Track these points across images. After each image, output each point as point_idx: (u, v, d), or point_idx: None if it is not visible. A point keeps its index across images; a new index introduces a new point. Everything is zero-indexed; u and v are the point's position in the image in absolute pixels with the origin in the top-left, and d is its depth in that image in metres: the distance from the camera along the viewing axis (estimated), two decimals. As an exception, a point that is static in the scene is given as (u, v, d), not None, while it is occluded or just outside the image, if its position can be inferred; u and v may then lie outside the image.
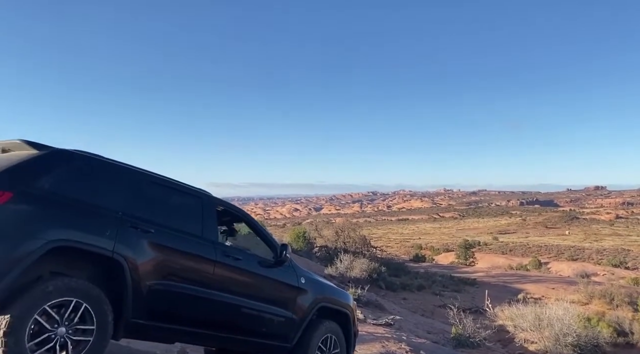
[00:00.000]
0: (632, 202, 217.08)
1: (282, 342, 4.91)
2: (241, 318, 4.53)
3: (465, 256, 59.51)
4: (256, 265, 4.75)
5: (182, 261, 4.12)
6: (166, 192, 4.33)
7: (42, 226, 3.35)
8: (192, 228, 4.30)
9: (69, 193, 3.62)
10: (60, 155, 3.80)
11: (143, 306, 3.78)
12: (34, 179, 3.51)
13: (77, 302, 3.38)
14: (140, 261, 3.78)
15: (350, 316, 5.74)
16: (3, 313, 3.12)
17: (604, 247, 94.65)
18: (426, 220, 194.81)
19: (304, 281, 5.21)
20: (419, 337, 14.72)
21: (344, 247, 32.89)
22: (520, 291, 30.46)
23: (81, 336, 3.40)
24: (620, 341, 18.65)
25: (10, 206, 3.26)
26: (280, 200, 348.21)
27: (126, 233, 3.74)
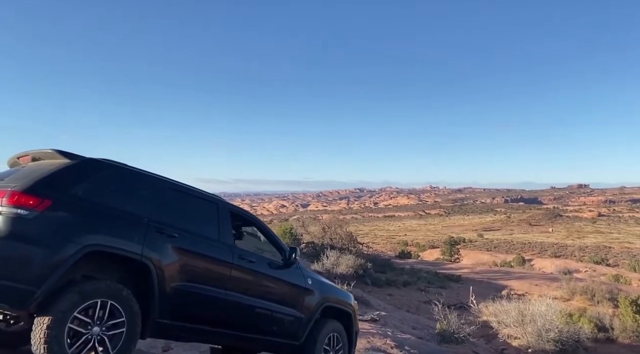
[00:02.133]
0: (614, 201, 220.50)
1: (291, 340, 5.13)
2: (255, 317, 4.74)
3: (450, 252, 59.97)
4: (267, 267, 4.97)
5: (203, 264, 4.33)
6: (186, 199, 4.53)
7: (78, 232, 3.53)
8: (209, 232, 4.51)
9: (99, 200, 3.80)
10: (91, 164, 3.99)
11: (168, 307, 3.97)
12: (69, 187, 3.68)
13: (109, 303, 3.57)
14: (165, 264, 3.97)
15: (352, 315, 6.00)
16: (44, 314, 3.29)
17: (587, 245, 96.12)
18: (412, 217, 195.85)
19: (311, 282, 5.46)
20: (404, 333, 14.81)
21: (331, 243, 32.92)
22: (504, 287, 30.81)
23: (113, 335, 3.57)
24: (601, 337, 18.96)
25: (50, 213, 3.45)
26: (267, 196, 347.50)
27: (152, 238, 3.95)
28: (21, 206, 3.38)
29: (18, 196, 3.42)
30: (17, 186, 3.50)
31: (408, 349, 11.50)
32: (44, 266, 3.33)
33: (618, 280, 39.35)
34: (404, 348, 11.46)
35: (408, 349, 11.45)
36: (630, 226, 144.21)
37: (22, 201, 3.40)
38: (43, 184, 3.58)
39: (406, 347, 11.64)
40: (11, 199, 3.39)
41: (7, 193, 3.43)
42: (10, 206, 3.37)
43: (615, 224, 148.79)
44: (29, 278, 3.29)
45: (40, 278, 3.32)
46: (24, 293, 3.27)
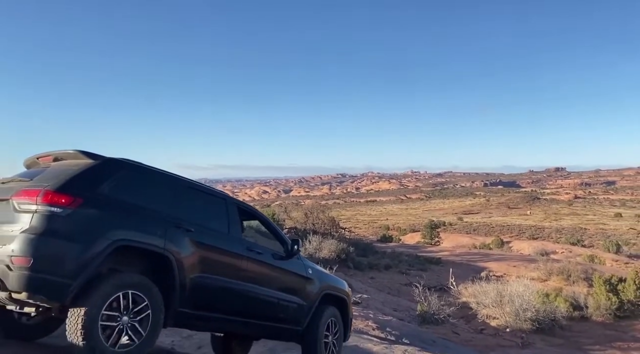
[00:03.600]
0: (590, 183, 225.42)
1: (295, 326, 5.42)
2: (264, 305, 5.01)
3: (430, 236, 60.69)
4: (272, 258, 5.24)
5: (217, 256, 4.58)
6: (197, 195, 4.76)
7: (108, 228, 3.74)
8: (220, 226, 4.78)
9: (122, 197, 4.00)
10: (113, 163, 4.18)
11: (187, 297, 4.17)
12: (96, 185, 3.89)
13: (137, 294, 3.77)
14: (184, 256, 4.18)
15: (347, 302, 6.34)
16: (79, 306, 3.49)
17: (563, 227, 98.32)
18: (393, 201, 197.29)
19: (311, 271, 5.75)
20: (385, 314, 15.04)
21: (313, 228, 33.04)
22: (483, 269, 31.41)
23: (140, 324, 3.79)
24: (576, 315, 19.54)
25: (81, 210, 3.65)
26: (249, 182, 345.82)
27: (172, 232, 4.15)
28: (55, 204, 3.56)
29: (52, 194, 3.59)
30: (50, 185, 3.66)
31: (390, 330, 11.70)
32: (79, 261, 3.52)
33: (593, 260, 40.41)
34: (386, 330, 11.66)
35: (390, 331, 11.66)
36: (604, 207, 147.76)
37: (56, 199, 3.58)
38: (73, 183, 3.76)
39: (388, 328, 11.84)
40: (45, 198, 3.56)
41: (40, 192, 3.59)
42: (45, 204, 3.55)
43: (591, 206, 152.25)
44: (66, 271, 3.47)
45: (76, 272, 3.50)
46: (61, 285, 3.45)
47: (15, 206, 3.64)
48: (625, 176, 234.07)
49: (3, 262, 3.43)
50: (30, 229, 3.48)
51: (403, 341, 10.91)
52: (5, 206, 3.72)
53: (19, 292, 3.42)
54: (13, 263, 3.39)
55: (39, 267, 3.39)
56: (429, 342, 11.98)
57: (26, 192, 3.66)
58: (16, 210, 3.63)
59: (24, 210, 3.59)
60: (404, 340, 11.01)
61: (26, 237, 3.43)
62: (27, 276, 3.38)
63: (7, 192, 3.80)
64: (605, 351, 15.00)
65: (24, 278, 3.38)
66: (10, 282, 3.40)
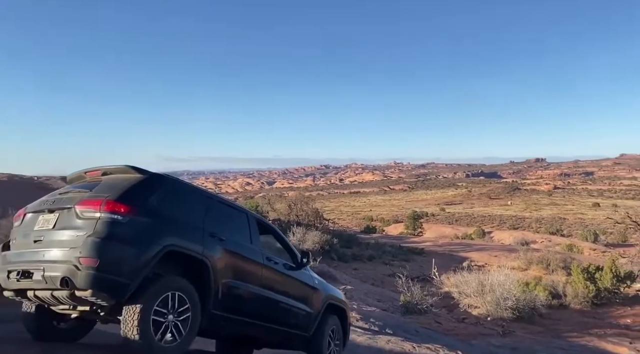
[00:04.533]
0: (569, 174, 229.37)
1: (304, 332, 5.87)
2: (280, 311, 5.46)
3: (413, 226, 61.27)
4: (285, 268, 5.69)
5: (243, 264, 5.01)
6: (225, 209, 5.19)
7: (158, 235, 4.14)
8: (244, 238, 5.20)
9: (167, 208, 4.41)
10: (158, 178, 4.64)
11: (219, 300, 4.57)
12: (147, 197, 4.29)
13: (180, 295, 4.15)
14: (218, 263, 4.60)
15: (347, 311, 6.88)
16: (134, 304, 3.87)
17: (543, 217, 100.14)
18: (377, 193, 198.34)
19: (317, 282, 6.25)
20: (369, 305, 15.17)
21: (297, 220, 33.09)
22: (465, 259, 31.86)
23: (182, 323, 4.17)
24: (555, 304, 19.97)
25: (137, 218, 4.07)
26: (232, 174, 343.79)
27: (208, 240, 4.58)
28: (116, 212, 4.00)
29: (113, 203, 4.02)
30: (110, 196, 4.10)
31: (373, 321, 11.82)
32: (137, 263, 3.93)
33: (571, 249, 41.25)
34: (369, 320, 11.77)
35: (373, 321, 11.77)
36: (583, 197, 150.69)
37: (116, 208, 4.01)
38: (129, 195, 4.18)
39: (371, 319, 11.96)
40: (107, 206, 4.00)
41: (103, 201, 4.03)
42: (107, 212, 3.98)
43: (570, 196, 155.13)
44: (126, 272, 3.86)
45: (134, 273, 3.90)
46: (122, 284, 3.84)
47: (78, 214, 4.06)
48: (603, 166, 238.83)
49: (71, 262, 3.80)
50: (96, 233, 3.88)
51: (386, 331, 11.03)
52: (67, 214, 4.14)
53: (85, 290, 3.78)
54: (81, 263, 3.77)
55: (104, 267, 3.78)
56: (412, 332, 12.14)
57: (89, 201, 4.09)
58: (79, 217, 4.04)
59: (88, 217, 4.01)
60: (387, 330, 11.13)
61: (93, 241, 3.83)
62: (94, 275, 3.76)
63: (69, 201, 4.21)
64: (583, 338, 15.34)
65: (91, 277, 3.75)
66: (78, 280, 3.75)
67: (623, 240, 53.10)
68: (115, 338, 5.57)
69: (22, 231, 4.40)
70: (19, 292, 4.23)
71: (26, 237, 4.28)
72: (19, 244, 4.34)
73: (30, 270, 3.99)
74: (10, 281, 4.16)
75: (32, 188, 26.15)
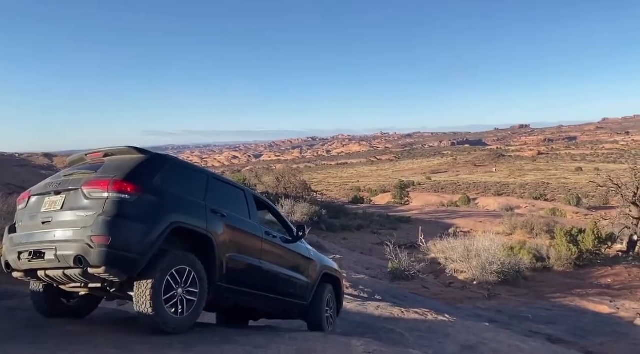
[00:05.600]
0: (552, 139, 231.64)
1: (302, 301, 6.11)
2: (279, 282, 5.67)
3: (400, 196, 61.76)
4: (282, 241, 5.89)
5: (245, 239, 5.19)
6: (223, 186, 5.32)
7: (165, 212, 4.28)
8: (243, 213, 5.34)
9: (170, 187, 4.52)
10: (160, 158, 4.76)
11: (224, 273, 4.76)
12: (151, 177, 4.40)
13: (188, 270, 4.33)
14: (221, 238, 4.76)
15: (340, 280, 7.18)
16: (145, 279, 4.04)
17: (527, 182, 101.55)
18: (364, 163, 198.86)
19: (312, 253, 6.47)
20: (358, 273, 15.42)
21: (285, 192, 33.14)
22: (451, 226, 32.32)
23: (191, 295, 4.35)
24: (539, 266, 20.47)
25: (144, 196, 4.20)
26: (218, 148, 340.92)
27: (211, 217, 4.72)
28: (123, 191, 4.12)
29: (120, 183, 4.14)
30: (117, 176, 4.21)
31: (362, 288, 12.03)
32: (146, 239, 4.06)
33: (555, 214, 42.05)
34: (359, 288, 11.97)
35: (362, 288, 11.98)
36: (566, 162, 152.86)
37: (124, 187, 4.13)
38: (134, 175, 4.28)
39: (360, 286, 12.16)
40: (115, 186, 4.12)
41: (110, 181, 4.15)
42: (115, 191, 4.10)
43: (553, 162, 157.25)
44: (137, 248, 4.01)
45: (144, 249, 4.04)
46: (133, 260, 3.99)
47: (86, 194, 4.17)
48: (586, 131, 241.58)
49: (83, 241, 3.93)
50: (105, 213, 4.01)
51: (376, 297, 11.25)
52: (74, 195, 4.24)
53: (98, 267, 3.91)
54: (93, 242, 3.90)
55: (115, 245, 3.92)
56: (401, 297, 12.40)
57: (96, 182, 4.20)
58: (87, 197, 4.15)
59: (96, 197, 4.12)
60: (376, 297, 11.35)
61: (104, 220, 3.97)
62: (107, 253, 3.89)
63: (76, 183, 4.30)
64: (566, 298, 15.82)
65: (104, 254, 3.89)
66: (91, 258, 3.89)
67: (605, 203, 54.21)
68: (118, 314, 5.64)
69: (29, 213, 4.49)
70: (29, 272, 4.33)
71: (33, 219, 4.37)
72: (27, 226, 4.43)
73: (42, 250, 4.09)
74: (21, 262, 4.25)
75: (13, 165, 25.76)
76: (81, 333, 4.20)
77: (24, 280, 4.55)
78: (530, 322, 12.11)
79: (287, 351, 4.03)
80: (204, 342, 4.08)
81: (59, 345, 3.43)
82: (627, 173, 26.86)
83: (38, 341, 3.62)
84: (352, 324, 7.85)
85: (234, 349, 3.92)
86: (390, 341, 6.41)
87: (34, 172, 25.71)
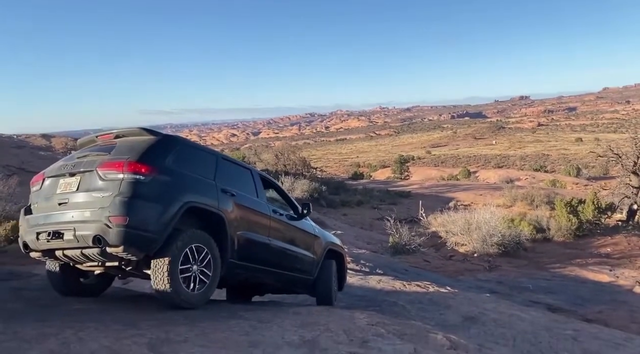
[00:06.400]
0: (552, 110, 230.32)
1: (308, 276, 6.33)
2: (287, 258, 5.88)
3: (400, 170, 61.79)
4: (288, 219, 6.08)
5: (254, 217, 5.36)
6: (231, 166, 5.44)
7: (178, 192, 4.42)
8: (251, 192, 5.50)
9: (181, 167, 4.62)
10: (171, 139, 4.88)
11: (235, 250, 4.95)
12: (164, 158, 4.50)
13: (202, 247, 4.49)
14: (232, 216, 4.93)
15: (343, 256, 7.40)
16: (162, 257, 4.20)
17: (527, 154, 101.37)
18: (363, 139, 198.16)
19: (317, 230, 6.69)
20: (359, 248, 15.55)
21: (285, 169, 33.16)
22: (451, 199, 32.42)
23: (205, 272, 4.53)
24: (539, 237, 20.63)
25: (158, 177, 4.31)
26: (216, 126, 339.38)
27: (221, 196, 4.86)
28: (138, 172, 4.22)
29: (135, 164, 4.24)
30: (131, 157, 4.30)
31: (363, 262, 12.14)
32: (162, 219, 4.21)
33: (555, 185, 42.15)
34: (360, 262, 12.09)
35: (364, 263, 12.10)
36: (566, 133, 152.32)
37: (138, 168, 4.24)
38: (148, 156, 4.38)
39: (361, 261, 12.28)
40: (130, 167, 4.22)
41: (125, 163, 4.24)
42: (130, 173, 4.21)
43: (553, 133, 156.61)
44: (153, 227, 4.15)
45: (161, 228, 4.19)
46: (150, 239, 4.14)
47: (101, 176, 4.27)
48: (586, 101, 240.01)
49: (101, 221, 4.05)
50: (122, 193, 4.12)
51: (377, 271, 11.36)
52: (89, 176, 4.34)
53: (117, 246, 4.05)
54: (111, 222, 4.03)
55: (133, 224, 4.06)
56: (401, 271, 12.52)
57: (111, 163, 4.29)
58: (102, 179, 4.26)
59: (111, 179, 4.22)
60: (377, 270, 11.47)
61: (121, 200, 4.08)
62: (125, 232, 4.03)
63: (90, 164, 4.40)
64: (566, 268, 15.99)
65: (122, 234, 4.03)
66: (110, 238, 4.02)
67: (605, 173, 54.37)
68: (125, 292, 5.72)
69: (44, 195, 4.58)
70: (47, 252, 4.45)
71: (49, 201, 4.46)
72: (43, 208, 4.52)
73: (61, 231, 4.20)
74: (39, 242, 4.36)
75: (12, 147, 25.71)
76: (88, 311, 4.26)
77: (41, 260, 4.66)
78: (530, 292, 12.27)
79: (292, 324, 4.08)
80: (209, 318, 4.13)
81: (67, 322, 3.47)
82: (627, 142, 26.81)
83: (45, 318, 3.66)
84: (355, 297, 7.95)
85: (239, 324, 3.97)
86: (392, 313, 6.50)
87: (33, 154, 25.72)
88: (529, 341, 5.97)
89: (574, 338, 6.25)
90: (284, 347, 3.41)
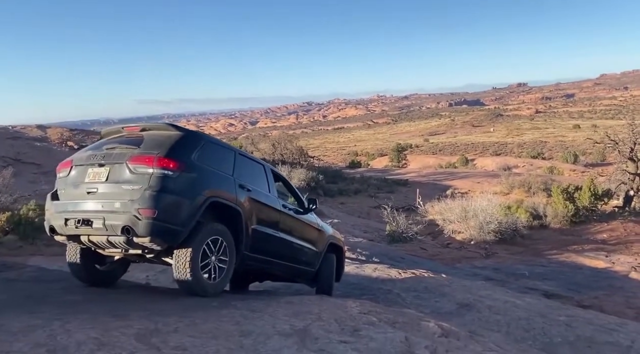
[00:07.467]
0: (550, 97, 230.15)
1: (311, 268, 6.62)
2: (294, 250, 6.15)
3: (398, 159, 61.77)
4: (295, 213, 6.31)
5: (266, 211, 5.61)
6: (247, 162, 5.64)
7: (203, 187, 4.66)
8: (264, 188, 5.74)
9: (205, 163, 4.82)
10: (195, 135, 5.08)
11: (249, 242, 5.21)
12: (190, 153, 4.70)
13: (220, 240, 4.76)
14: (247, 210, 5.18)
15: (343, 249, 7.71)
16: (185, 247, 4.46)
17: (524, 141, 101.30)
18: (361, 127, 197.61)
19: (321, 224, 6.95)
20: (356, 236, 15.57)
21: (282, 159, 33.14)
22: (449, 187, 32.42)
23: (222, 263, 4.82)
24: (536, 224, 20.65)
25: (185, 173, 4.53)
26: (214, 115, 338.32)
27: (239, 191, 5.10)
28: (167, 168, 4.44)
29: (164, 160, 4.45)
30: (161, 153, 4.50)
31: (360, 251, 12.17)
32: (187, 212, 4.45)
33: (552, 172, 42.18)
34: (356, 250, 12.11)
35: (360, 251, 12.12)
36: (564, 120, 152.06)
37: (166, 164, 4.44)
38: (176, 152, 4.58)
39: (358, 249, 12.30)
40: (160, 163, 4.43)
41: (155, 158, 4.45)
42: (159, 168, 4.42)
43: (551, 120, 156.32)
44: (179, 220, 4.40)
45: (186, 221, 4.43)
46: (176, 232, 4.39)
47: (131, 169, 4.47)
48: (584, 88, 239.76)
49: (131, 213, 4.28)
50: (151, 187, 4.35)
51: (373, 259, 11.38)
52: (119, 168, 4.53)
53: (144, 237, 4.29)
54: (140, 214, 4.26)
55: (161, 217, 4.29)
56: (398, 259, 12.55)
57: (142, 158, 4.49)
58: (132, 172, 4.46)
59: (141, 172, 4.43)
60: (374, 259, 11.48)
61: (150, 194, 4.32)
62: (153, 224, 4.27)
63: (120, 157, 4.58)
64: (562, 254, 16.03)
65: (150, 225, 4.26)
66: (139, 229, 4.26)
67: (602, 159, 54.36)
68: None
69: (72, 182, 4.76)
70: (72, 237, 4.70)
71: (78, 188, 4.66)
72: (71, 194, 4.72)
73: (91, 219, 4.42)
74: (67, 228, 4.57)
75: (7, 138, 25.56)
76: (79, 302, 4.25)
77: (64, 243, 4.92)
78: (526, 279, 12.30)
79: (284, 314, 4.07)
80: (200, 307, 4.11)
81: (55, 314, 3.45)
82: (624, 129, 26.76)
83: (34, 310, 3.64)
84: (350, 286, 7.96)
85: (230, 313, 3.95)
86: (387, 301, 6.53)
87: (29, 144, 25.58)
88: (522, 328, 6.00)
89: (567, 324, 6.26)
90: (274, 336, 3.40)
